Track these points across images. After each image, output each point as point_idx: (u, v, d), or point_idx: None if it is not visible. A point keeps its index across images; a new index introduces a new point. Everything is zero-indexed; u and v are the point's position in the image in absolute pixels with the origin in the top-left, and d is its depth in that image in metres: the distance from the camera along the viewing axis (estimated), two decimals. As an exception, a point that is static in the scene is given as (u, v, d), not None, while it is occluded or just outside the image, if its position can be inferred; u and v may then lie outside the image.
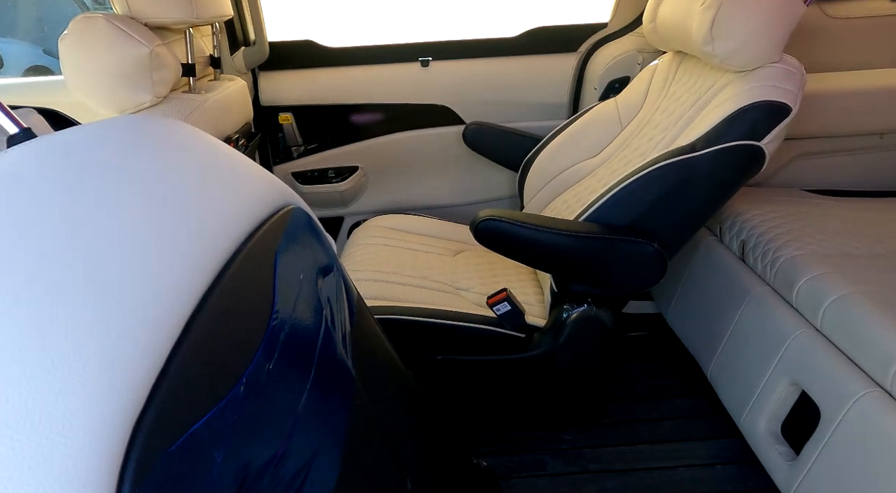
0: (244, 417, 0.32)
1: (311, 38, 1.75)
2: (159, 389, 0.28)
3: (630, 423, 1.42)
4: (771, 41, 1.08)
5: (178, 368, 0.30)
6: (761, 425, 1.18)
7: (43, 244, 0.28)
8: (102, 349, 0.26)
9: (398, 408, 0.61)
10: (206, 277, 0.35)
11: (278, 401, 0.37)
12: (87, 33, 1.04)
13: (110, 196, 0.34)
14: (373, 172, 1.88)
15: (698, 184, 1.11)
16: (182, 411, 0.29)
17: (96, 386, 0.25)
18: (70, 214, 0.31)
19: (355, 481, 0.44)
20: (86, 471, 0.23)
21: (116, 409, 0.25)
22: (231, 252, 0.39)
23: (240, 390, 0.33)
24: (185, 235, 0.36)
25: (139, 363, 0.28)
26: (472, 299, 1.38)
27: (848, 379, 0.99)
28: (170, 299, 0.32)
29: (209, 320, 0.33)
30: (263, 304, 0.39)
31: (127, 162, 0.38)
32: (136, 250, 0.32)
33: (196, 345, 0.32)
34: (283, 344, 0.39)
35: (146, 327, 0.29)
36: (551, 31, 1.75)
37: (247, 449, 0.32)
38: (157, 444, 0.26)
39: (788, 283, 1.20)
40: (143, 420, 0.26)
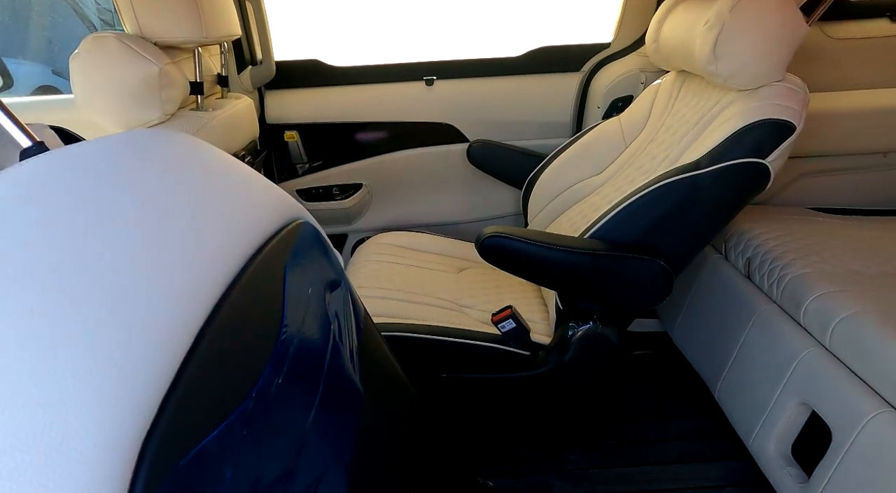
0: (253, 432, 0.32)
1: (316, 58, 1.77)
2: (169, 403, 0.28)
3: (637, 444, 1.39)
4: (774, 60, 1.09)
5: (188, 382, 0.29)
6: (771, 446, 1.16)
7: (56, 256, 0.28)
8: (113, 362, 0.26)
9: (405, 424, 0.60)
10: (215, 290, 0.35)
11: (287, 416, 0.36)
12: (99, 52, 1.05)
13: (122, 209, 0.34)
14: (377, 190, 1.89)
15: (704, 201, 1.11)
16: (192, 425, 0.28)
17: (107, 400, 0.25)
18: (82, 227, 0.31)
19: (365, 491, 0.43)
20: (95, 487, 0.23)
21: (126, 423, 0.25)
22: (241, 265, 0.38)
23: (249, 405, 0.33)
24: (196, 248, 0.36)
25: (149, 377, 0.27)
26: (476, 316, 1.37)
27: (859, 399, 0.97)
28: (180, 312, 0.31)
29: (219, 334, 0.33)
30: (273, 318, 0.39)
31: (138, 175, 0.38)
32: (146, 263, 0.32)
33: (206, 359, 0.31)
34: (292, 359, 0.38)
35: (156, 341, 0.29)
36: (555, 51, 1.77)
37: (256, 465, 0.31)
38: (167, 459, 0.26)
39: (795, 301, 1.19)
40: (152, 435, 0.26)
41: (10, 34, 2.90)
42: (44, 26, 3.26)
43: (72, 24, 3.34)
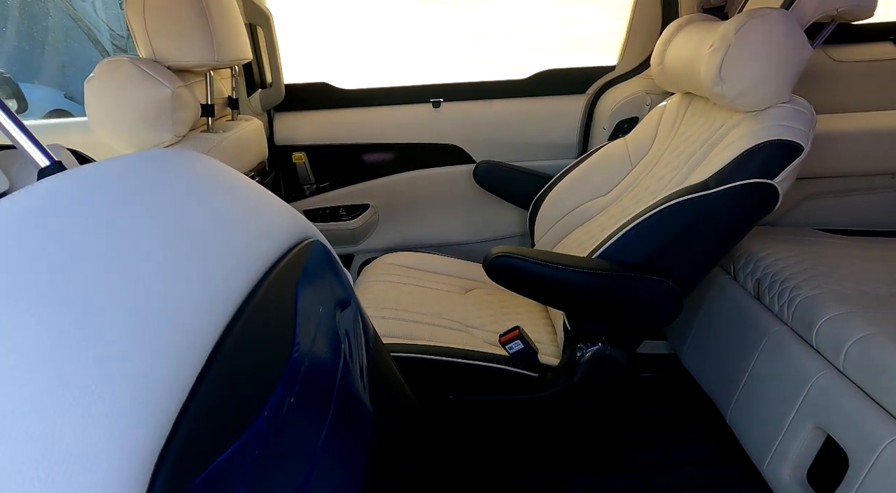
0: (266, 450, 0.31)
1: (325, 80, 1.80)
2: (183, 420, 0.27)
3: (647, 468, 1.37)
4: (780, 82, 1.10)
5: (202, 399, 0.29)
6: (786, 472, 1.13)
7: (72, 273, 0.28)
8: (127, 381, 0.26)
9: (414, 444, 0.59)
10: (229, 308, 0.35)
11: (299, 436, 0.36)
12: (113, 75, 1.07)
13: (138, 226, 0.34)
14: (384, 210, 1.90)
15: (711, 221, 1.11)
16: (205, 444, 0.28)
17: (122, 417, 0.24)
18: (98, 245, 0.31)
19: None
20: None
21: (142, 440, 0.25)
22: (253, 284, 0.38)
23: (261, 424, 0.32)
24: (209, 266, 0.36)
25: (164, 394, 0.27)
26: (483, 337, 1.36)
27: (876, 424, 0.95)
28: (193, 330, 0.31)
29: (231, 353, 0.33)
30: (284, 337, 0.38)
31: (154, 193, 0.38)
32: (161, 281, 0.32)
33: (218, 378, 0.31)
34: (304, 377, 0.38)
35: (170, 360, 0.29)
36: (560, 74, 1.79)
37: (268, 485, 0.31)
38: (181, 478, 0.25)
39: (807, 323, 1.17)
40: (166, 454, 0.26)
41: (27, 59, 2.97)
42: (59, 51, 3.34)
43: (85, 49, 3.42)
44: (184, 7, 1.13)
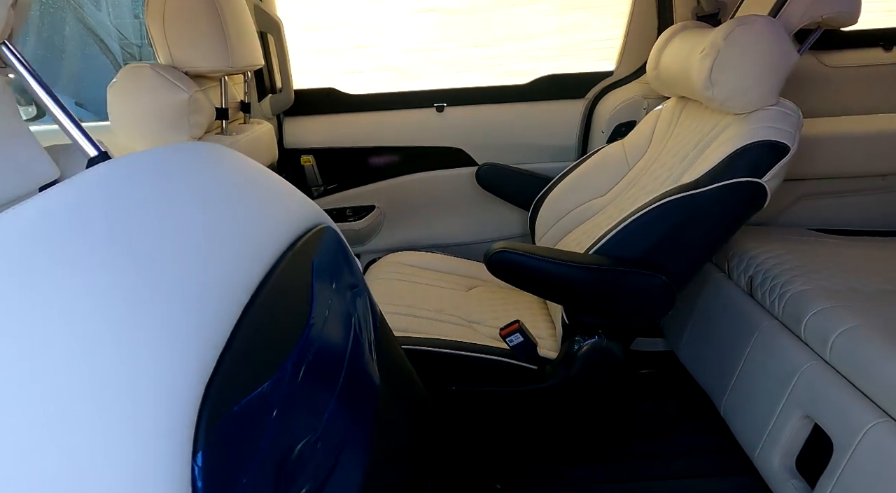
0: (288, 395, 0.37)
1: (333, 86, 1.87)
2: (224, 361, 0.33)
3: (644, 459, 1.41)
4: (767, 85, 1.15)
5: (237, 347, 0.34)
6: (776, 460, 1.17)
7: (133, 239, 0.34)
8: (182, 324, 0.31)
9: (418, 416, 0.65)
10: (256, 275, 0.40)
11: (316, 387, 0.41)
12: (135, 80, 1.14)
13: (177, 204, 0.40)
14: (389, 212, 1.95)
15: (703, 218, 1.16)
16: (241, 380, 0.33)
17: (179, 353, 0.30)
18: (149, 218, 0.37)
19: (382, 470, 0.48)
20: (170, 425, 0.28)
21: (192, 373, 0.30)
22: (278, 256, 0.44)
23: (286, 373, 0.38)
24: (239, 238, 0.41)
25: (209, 338, 0.32)
26: (485, 332, 1.41)
27: (858, 410, 1.00)
28: (229, 290, 0.37)
29: (261, 310, 0.38)
30: (304, 301, 0.44)
31: (188, 177, 0.44)
32: (200, 248, 0.37)
33: (251, 330, 0.36)
34: (321, 336, 0.44)
35: (212, 311, 0.34)
36: (560, 79, 1.84)
37: (290, 422, 0.36)
38: (224, 405, 0.31)
39: (796, 317, 1.22)
40: (212, 384, 0.31)
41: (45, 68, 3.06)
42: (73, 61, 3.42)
43: (99, 59, 3.51)
44: (201, 16, 1.19)
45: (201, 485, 0.28)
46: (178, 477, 0.27)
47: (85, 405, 0.25)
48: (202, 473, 0.28)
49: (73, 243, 0.31)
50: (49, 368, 0.25)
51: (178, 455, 0.27)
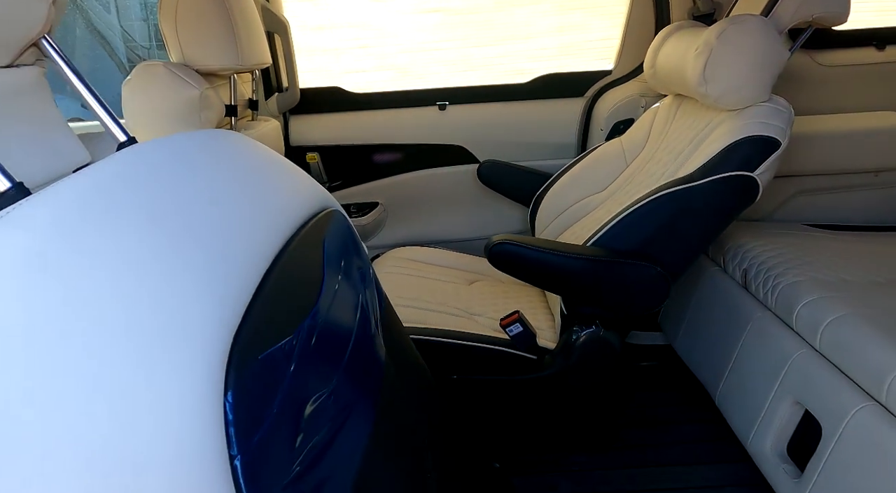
0: (306, 350, 0.41)
1: (338, 85, 1.91)
2: (248, 318, 0.37)
3: (641, 448, 1.45)
4: (758, 82, 1.19)
5: (259, 306, 0.39)
6: (767, 446, 1.21)
7: (161, 209, 0.38)
8: (209, 283, 0.35)
9: (421, 392, 0.69)
10: (274, 246, 0.44)
11: (330, 347, 0.45)
12: (148, 78, 1.18)
13: (201, 182, 0.44)
14: (392, 208, 1.99)
15: (697, 211, 1.19)
16: (263, 335, 0.37)
17: (209, 308, 0.34)
18: (177, 193, 0.41)
19: (386, 435, 0.52)
20: (205, 366, 0.32)
21: (222, 324, 0.34)
22: (291, 232, 0.48)
23: (303, 330, 0.42)
24: (258, 214, 0.45)
25: (234, 297, 0.37)
26: (485, 323, 1.45)
27: (846, 395, 1.03)
28: (249, 259, 0.41)
29: (278, 279, 0.42)
30: (316, 273, 0.48)
31: (210, 159, 0.48)
32: (223, 222, 0.41)
33: (271, 292, 0.40)
34: (332, 306, 0.48)
35: (236, 275, 0.38)
36: (560, 78, 1.89)
37: (307, 378, 0.40)
38: (249, 354, 0.35)
39: (788, 307, 1.25)
40: (239, 336, 0.35)
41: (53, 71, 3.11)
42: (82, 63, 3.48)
43: (104, 61, 3.57)
44: (212, 16, 1.24)
45: (231, 418, 0.32)
46: (212, 409, 0.31)
47: (133, 344, 0.29)
48: (232, 408, 0.32)
49: (115, 211, 0.35)
50: (103, 313, 0.29)
51: (213, 392, 0.31)
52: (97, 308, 0.29)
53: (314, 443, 0.39)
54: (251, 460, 0.32)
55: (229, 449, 0.31)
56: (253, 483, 0.32)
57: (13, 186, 0.38)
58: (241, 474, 0.31)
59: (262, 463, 0.33)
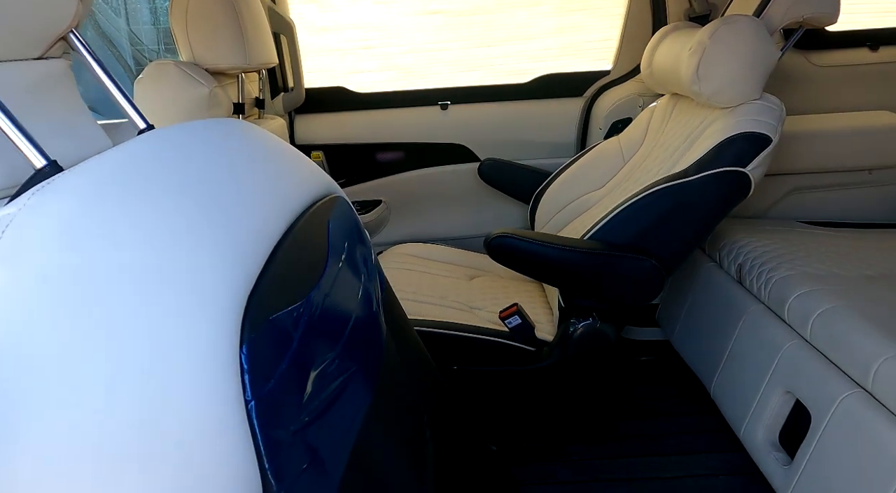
0: (312, 317, 0.45)
1: (342, 85, 1.95)
2: (260, 283, 0.40)
3: (638, 438, 1.48)
4: (750, 81, 1.23)
5: (271, 274, 0.42)
6: (759, 435, 1.24)
7: (180, 184, 0.42)
8: (226, 249, 0.39)
9: (419, 369, 0.72)
10: (284, 221, 0.48)
11: (335, 318, 0.49)
12: (160, 76, 1.23)
13: (215, 163, 0.48)
14: (395, 206, 2.03)
15: (690, 206, 1.23)
16: (274, 298, 0.41)
17: (226, 269, 0.38)
18: (195, 171, 0.45)
19: (386, 405, 0.55)
20: (225, 318, 0.35)
21: (238, 285, 0.38)
22: (299, 212, 0.52)
23: (311, 299, 0.45)
24: (269, 193, 0.49)
25: (248, 263, 0.40)
26: (485, 317, 1.49)
27: (834, 383, 1.06)
28: (261, 231, 0.44)
29: (287, 251, 0.46)
30: (322, 249, 0.52)
31: (224, 142, 0.52)
32: (236, 197, 0.45)
33: (281, 263, 0.44)
34: (336, 279, 0.51)
35: (249, 243, 0.42)
36: (560, 78, 1.92)
37: (313, 342, 0.44)
38: (262, 313, 0.39)
39: (780, 299, 1.29)
40: (252, 297, 0.39)
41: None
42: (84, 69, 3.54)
43: (111, 63, 3.63)
44: (221, 18, 1.28)
45: (247, 367, 0.36)
46: (230, 358, 0.35)
47: (163, 297, 0.33)
48: (247, 359, 0.36)
49: (142, 184, 0.39)
50: (136, 272, 0.33)
51: (230, 343, 0.35)
52: (132, 267, 0.33)
53: (319, 400, 0.43)
54: (263, 405, 0.36)
55: (244, 394, 0.35)
56: (264, 424, 0.35)
57: (48, 164, 0.42)
58: (255, 415, 0.35)
59: (273, 409, 0.37)
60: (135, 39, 3.72)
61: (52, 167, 0.41)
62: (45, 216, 0.33)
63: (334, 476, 0.42)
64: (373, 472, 0.49)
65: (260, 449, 0.35)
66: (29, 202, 0.34)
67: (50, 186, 0.36)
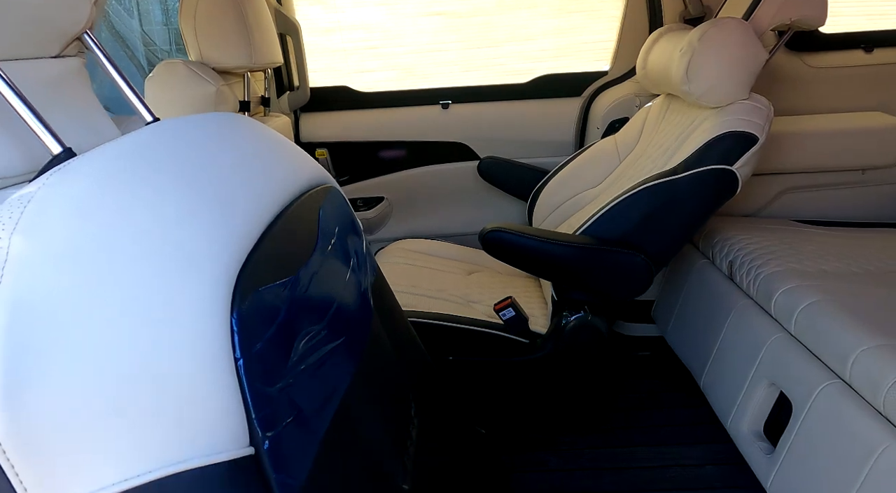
0: (298, 292, 0.49)
1: (346, 84, 2.00)
2: (251, 257, 0.45)
3: (628, 429, 1.51)
4: (738, 81, 1.26)
5: (262, 251, 0.47)
6: (745, 426, 1.27)
7: (182, 166, 0.46)
8: (225, 226, 0.44)
9: (406, 351, 0.77)
10: (277, 204, 0.53)
11: (322, 294, 0.53)
12: (169, 74, 1.28)
13: (215, 150, 0.52)
14: (397, 202, 2.08)
15: (679, 202, 1.27)
16: (263, 273, 0.46)
17: (220, 242, 0.42)
18: (195, 156, 0.49)
19: (370, 378, 0.60)
20: (218, 286, 0.40)
21: (230, 256, 0.43)
22: (292, 197, 0.57)
23: (299, 276, 0.50)
24: (265, 178, 0.54)
25: (241, 239, 0.45)
26: (482, 310, 1.53)
27: (815, 373, 1.10)
28: (255, 211, 0.49)
29: (279, 232, 0.51)
30: (312, 232, 0.57)
31: (224, 132, 0.56)
32: (235, 179, 0.50)
33: (271, 242, 0.49)
34: (325, 260, 0.56)
35: (242, 222, 0.47)
36: (558, 78, 1.96)
37: (300, 314, 0.49)
38: (252, 283, 0.43)
39: (768, 295, 1.32)
40: (244, 269, 0.43)
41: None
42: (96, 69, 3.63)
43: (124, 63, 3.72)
44: (228, 18, 1.33)
45: (236, 329, 0.40)
46: (222, 320, 0.39)
47: (163, 264, 0.38)
48: (237, 322, 0.41)
49: (149, 166, 0.44)
50: (140, 242, 0.38)
51: (222, 307, 0.40)
52: (137, 238, 0.38)
53: (305, 365, 0.48)
54: (250, 363, 0.41)
55: (234, 353, 0.40)
56: (251, 380, 0.40)
57: (64, 151, 0.47)
58: (243, 371, 0.40)
59: (260, 367, 0.41)
60: (147, 40, 3.80)
61: (67, 153, 0.46)
62: (62, 193, 0.38)
63: (317, 432, 0.47)
64: (355, 434, 0.54)
65: (247, 401, 0.40)
66: (48, 181, 0.39)
67: (66, 167, 0.41)
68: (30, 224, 0.36)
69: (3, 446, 0.32)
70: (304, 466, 0.44)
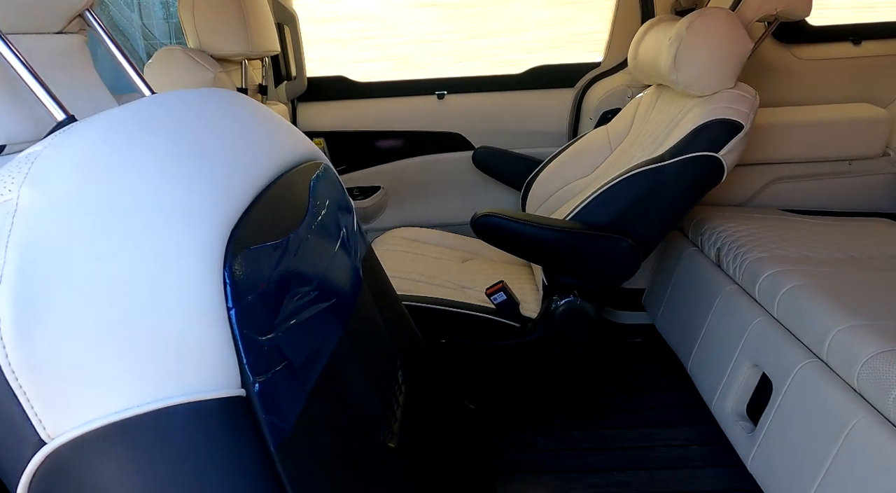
0: (289, 258, 0.52)
1: (343, 74, 2.03)
2: (243, 220, 0.48)
3: (617, 412, 1.55)
4: (724, 70, 1.29)
5: (253, 215, 0.50)
6: (728, 406, 1.31)
7: (180, 132, 0.49)
8: (219, 188, 0.47)
9: (397, 324, 0.80)
10: (270, 172, 0.56)
11: (311, 260, 0.56)
12: (168, 61, 1.31)
13: (212, 119, 0.55)
14: (393, 192, 2.11)
15: (666, 188, 1.30)
16: (254, 234, 0.49)
17: (214, 203, 0.45)
18: (193, 124, 0.52)
19: (354, 344, 0.63)
20: (212, 241, 0.43)
21: (225, 219, 0.46)
22: (283, 168, 0.60)
23: (289, 240, 0.53)
24: (258, 148, 0.57)
25: (235, 204, 0.48)
26: (475, 296, 1.56)
27: (794, 353, 1.13)
28: (249, 177, 0.52)
29: (270, 198, 0.54)
30: (303, 201, 0.60)
31: (221, 105, 0.59)
32: (230, 147, 0.53)
33: (263, 206, 0.52)
34: (315, 228, 0.59)
35: (236, 186, 0.50)
36: (552, 69, 1.99)
37: (291, 275, 0.52)
38: (244, 242, 0.46)
39: (752, 279, 1.35)
40: (236, 229, 0.46)
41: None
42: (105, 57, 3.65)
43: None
44: (226, 6, 1.36)
45: (229, 281, 0.43)
46: (216, 272, 0.42)
47: (161, 220, 0.41)
48: (229, 275, 0.44)
49: (147, 131, 0.47)
50: (140, 198, 0.41)
51: (216, 261, 0.43)
52: (136, 194, 0.41)
53: (294, 321, 0.51)
54: (242, 313, 0.44)
55: (226, 302, 0.43)
56: (242, 328, 0.43)
57: (67, 118, 0.50)
58: (234, 319, 0.43)
59: (251, 317, 0.44)
60: (147, 33, 3.82)
61: (70, 120, 0.49)
62: (66, 151, 0.41)
63: (306, 384, 0.50)
64: (342, 391, 0.57)
65: (238, 346, 0.43)
66: (53, 142, 0.42)
67: (69, 129, 0.44)
68: (37, 178, 0.40)
69: (16, 374, 0.35)
70: (293, 411, 0.47)
